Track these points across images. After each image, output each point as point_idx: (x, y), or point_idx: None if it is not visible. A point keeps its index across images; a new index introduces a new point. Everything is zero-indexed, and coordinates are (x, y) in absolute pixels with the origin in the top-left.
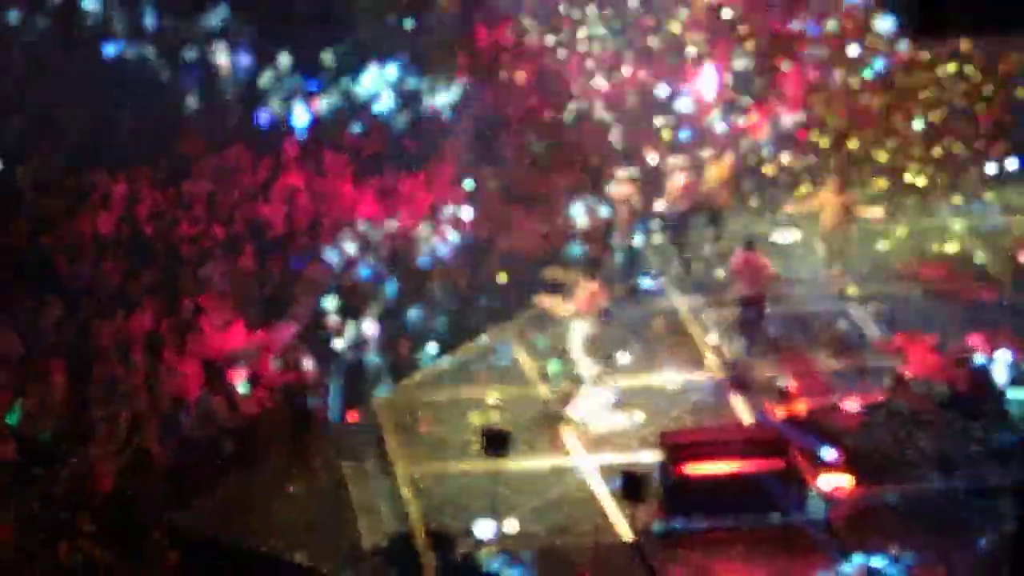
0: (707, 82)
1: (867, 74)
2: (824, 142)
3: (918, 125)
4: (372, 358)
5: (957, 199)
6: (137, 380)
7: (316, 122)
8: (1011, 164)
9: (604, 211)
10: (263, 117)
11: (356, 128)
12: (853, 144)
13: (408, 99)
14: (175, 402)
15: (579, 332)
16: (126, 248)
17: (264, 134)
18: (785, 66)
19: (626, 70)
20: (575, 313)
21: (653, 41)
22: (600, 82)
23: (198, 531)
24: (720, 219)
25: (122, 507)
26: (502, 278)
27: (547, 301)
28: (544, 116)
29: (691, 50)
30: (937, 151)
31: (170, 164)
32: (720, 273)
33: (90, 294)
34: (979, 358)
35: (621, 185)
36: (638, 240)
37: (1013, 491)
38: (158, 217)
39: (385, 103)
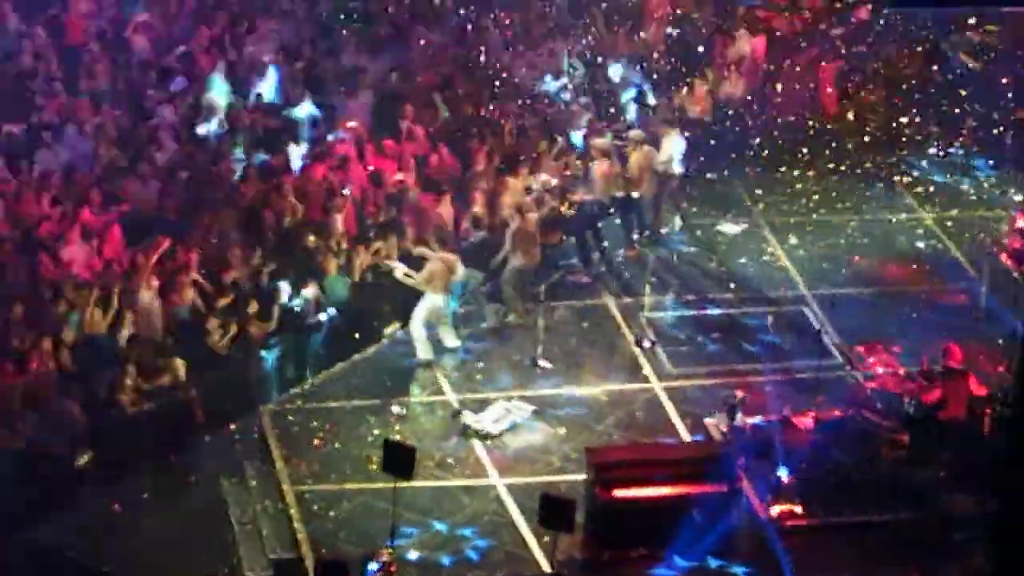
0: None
1: None
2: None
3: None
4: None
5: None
6: None
7: None
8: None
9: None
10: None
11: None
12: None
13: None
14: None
15: (425, 304)
16: None
17: None
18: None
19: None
20: (424, 282)
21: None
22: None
23: (57, 551)
24: (639, 209)
25: None
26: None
27: (393, 263)
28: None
29: None
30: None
31: None
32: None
33: None
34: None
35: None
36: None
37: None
38: None
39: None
